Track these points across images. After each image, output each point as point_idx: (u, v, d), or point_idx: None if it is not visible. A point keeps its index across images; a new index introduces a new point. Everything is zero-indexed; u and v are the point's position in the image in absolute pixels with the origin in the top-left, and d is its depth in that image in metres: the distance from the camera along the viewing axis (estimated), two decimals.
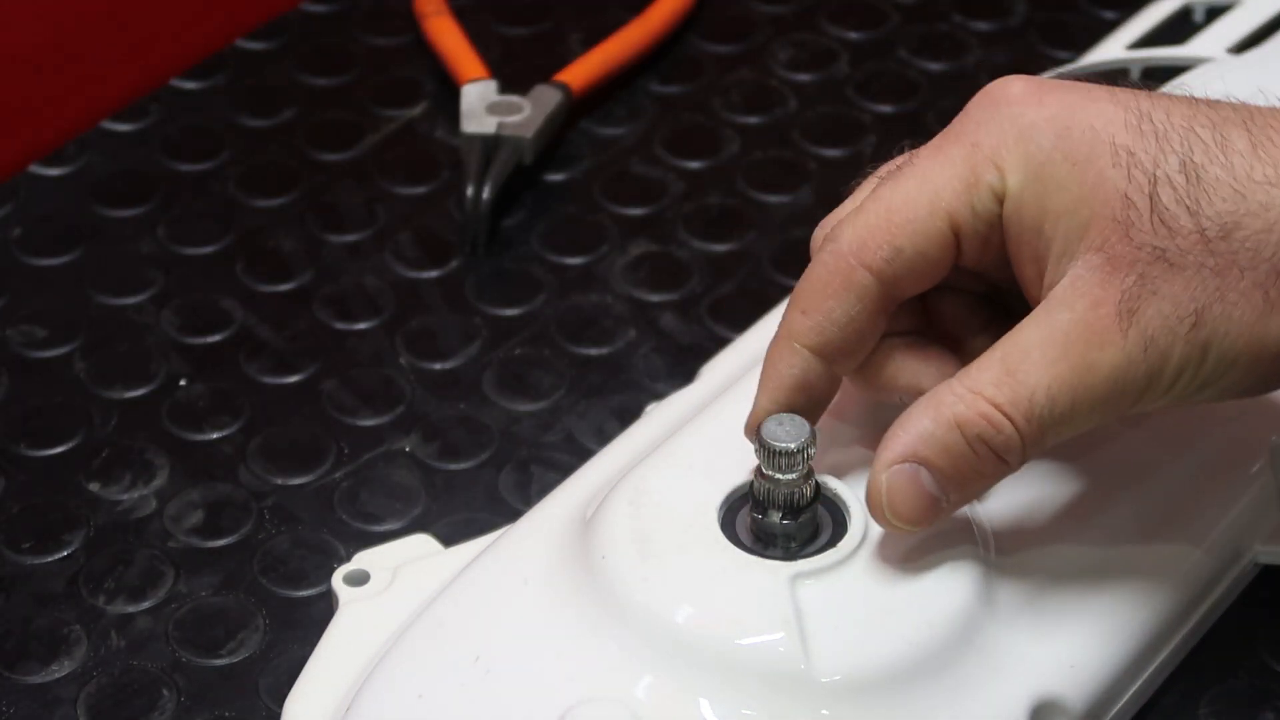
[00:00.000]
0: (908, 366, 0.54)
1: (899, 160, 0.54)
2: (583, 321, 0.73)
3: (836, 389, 0.54)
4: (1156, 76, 0.77)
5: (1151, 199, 0.49)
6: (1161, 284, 0.49)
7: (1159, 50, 0.79)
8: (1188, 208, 0.49)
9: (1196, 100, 0.51)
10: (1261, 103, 0.52)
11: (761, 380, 0.53)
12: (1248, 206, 0.49)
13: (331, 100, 0.83)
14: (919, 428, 0.50)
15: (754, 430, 0.53)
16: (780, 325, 0.53)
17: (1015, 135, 0.51)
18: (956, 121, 0.52)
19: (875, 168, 0.55)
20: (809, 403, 0.53)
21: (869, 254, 0.51)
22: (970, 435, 0.50)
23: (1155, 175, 0.49)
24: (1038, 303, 0.51)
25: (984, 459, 0.50)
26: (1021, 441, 0.50)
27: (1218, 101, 0.51)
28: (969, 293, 0.55)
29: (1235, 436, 0.60)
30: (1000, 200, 0.51)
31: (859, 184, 0.55)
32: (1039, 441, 0.50)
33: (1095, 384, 0.49)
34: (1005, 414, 0.49)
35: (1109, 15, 0.86)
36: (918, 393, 0.52)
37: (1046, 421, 0.50)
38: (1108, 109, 0.51)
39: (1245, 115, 0.51)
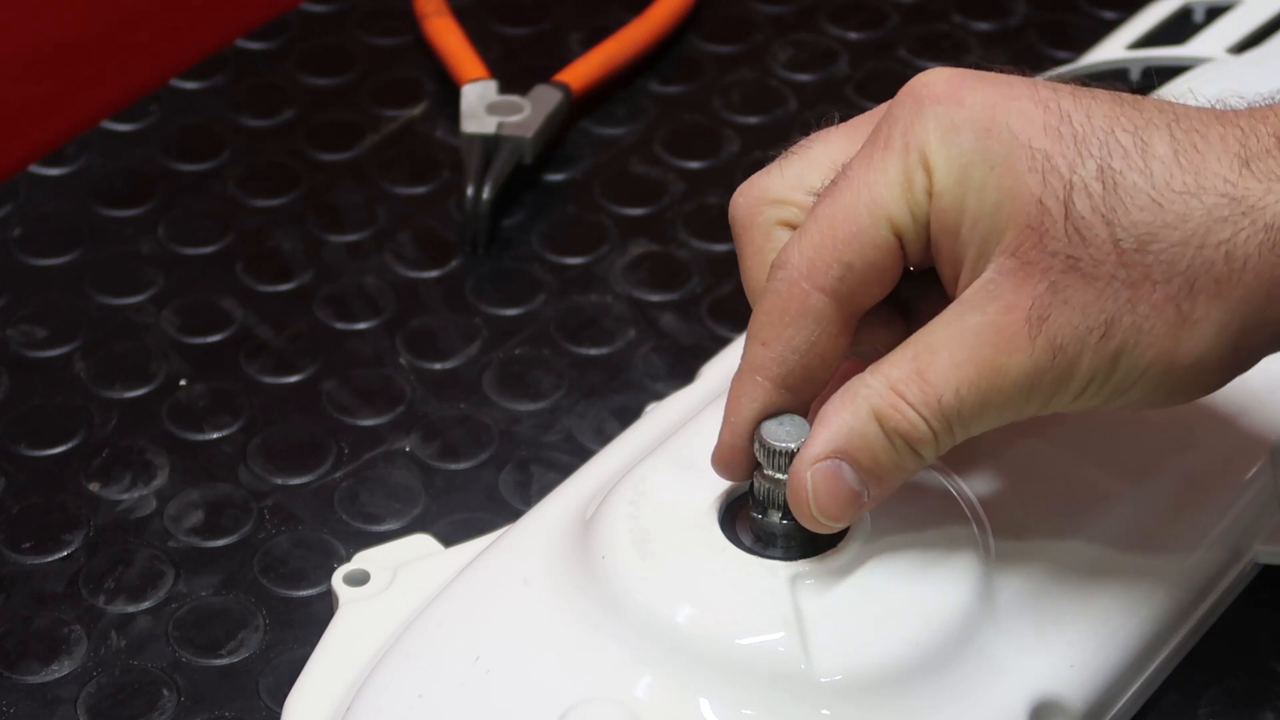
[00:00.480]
0: (862, 324, 0.53)
1: (827, 132, 0.54)
2: (583, 321, 0.73)
3: (804, 413, 0.53)
4: (1156, 76, 0.77)
5: (1066, 206, 0.49)
6: (1072, 294, 0.49)
7: (1159, 50, 0.79)
8: (1103, 216, 0.48)
9: (1121, 99, 0.50)
10: (1235, 103, 0.51)
11: (725, 411, 0.53)
12: (1164, 218, 0.48)
13: (331, 100, 0.83)
14: (839, 422, 0.50)
15: (720, 461, 0.53)
16: (742, 358, 0.52)
17: (939, 135, 0.50)
18: (883, 121, 0.52)
19: (803, 135, 0.54)
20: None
21: (820, 276, 0.51)
22: (889, 428, 0.50)
23: (1071, 181, 0.49)
24: (953, 297, 0.51)
25: (901, 453, 0.50)
26: (934, 437, 0.50)
27: (1143, 100, 0.50)
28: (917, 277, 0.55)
29: (1235, 436, 0.60)
30: (930, 198, 0.51)
31: (777, 154, 0.54)
32: (950, 437, 0.50)
33: (1003, 386, 0.49)
34: (919, 412, 0.49)
35: (1109, 15, 0.86)
36: (871, 349, 0.52)
37: (955, 420, 0.50)
38: (1028, 109, 0.50)
39: (1170, 118, 0.50)
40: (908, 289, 0.54)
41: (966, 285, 0.50)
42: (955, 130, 0.50)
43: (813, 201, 0.52)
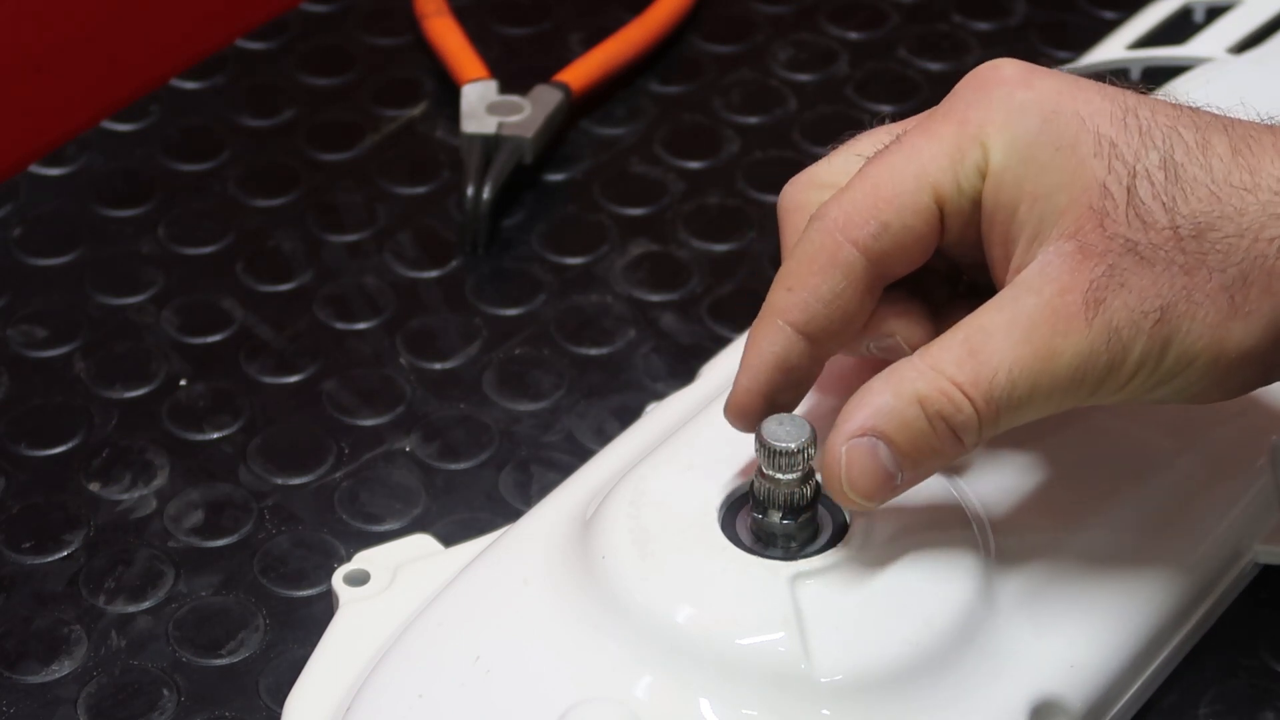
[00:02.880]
0: (883, 313, 0.53)
1: (877, 130, 0.54)
2: (583, 321, 0.73)
3: (818, 372, 0.53)
4: (1156, 77, 0.77)
5: (1129, 191, 0.49)
6: (1130, 277, 0.49)
7: (1159, 50, 0.79)
8: (1164, 204, 0.49)
9: (1181, 104, 0.52)
10: (1241, 114, 0.52)
11: (743, 358, 0.53)
12: (1222, 210, 0.49)
13: (331, 100, 0.83)
14: (879, 402, 0.50)
15: (735, 410, 0.53)
16: (765, 304, 0.53)
17: (1004, 115, 0.51)
18: (946, 100, 0.53)
19: (854, 134, 0.55)
20: (789, 383, 0.53)
21: (855, 230, 0.51)
22: (930, 412, 0.50)
23: (1135, 169, 0.50)
24: (1002, 285, 0.51)
25: (942, 437, 0.50)
26: (979, 422, 0.50)
27: (1201, 109, 0.52)
28: (934, 270, 0.55)
29: (1235, 436, 0.60)
30: (984, 177, 0.51)
31: (835, 148, 0.55)
32: (995, 423, 0.50)
33: (1056, 370, 0.49)
34: (965, 393, 0.49)
35: (1109, 15, 0.86)
36: (890, 339, 0.53)
37: (1004, 404, 0.49)
38: (1095, 99, 0.51)
39: (1227, 123, 0.51)
40: (940, 291, 0.54)
41: (1020, 268, 0.50)
42: (1022, 111, 0.51)
43: None
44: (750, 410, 0.53)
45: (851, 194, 0.52)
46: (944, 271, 0.55)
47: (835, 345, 0.53)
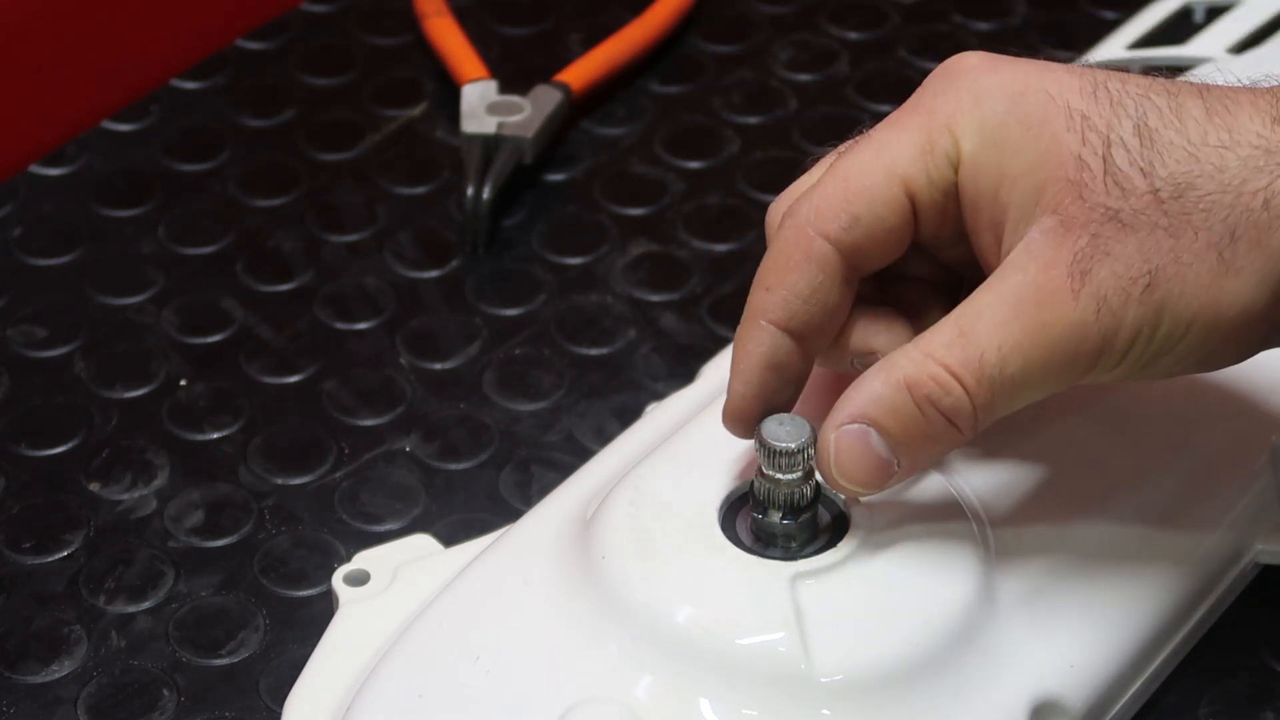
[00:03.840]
0: (864, 330, 0.53)
1: (853, 140, 0.54)
2: (583, 321, 0.73)
3: (809, 369, 0.53)
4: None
5: (1105, 160, 0.49)
6: (1114, 244, 0.49)
7: (1159, 50, 0.79)
8: (1141, 169, 0.49)
9: (1153, 77, 0.51)
10: (1266, 83, 0.51)
11: (733, 363, 0.53)
12: (1201, 169, 0.49)
13: (331, 100, 0.83)
14: (870, 389, 0.50)
15: (732, 416, 0.53)
16: (746, 306, 0.53)
17: (970, 101, 0.51)
18: (914, 95, 0.53)
19: (835, 145, 0.55)
20: (781, 382, 0.53)
21: (826, 223, 0.51)
22: (919, 396, 0.49)
23: (1109, 138, 0.49)
24: (995, 265, 0.51)
25: (933, 421, 0.50)
26: (971, 405, 0.49)
27: (1175, 80, 0.51)
28: (926, 280, 0.55)
29: (1235, 436, 0.60)
30: (955, 167, 0.51)
31: (815, 160, 0.55)
32: (989, 405, 0.50)
33: (1047, 345, 0.49)
34: (955, 375, 0.49)
35: (1109, 15, 0.86)
36: (872, 355, 0.52)
37: (997, 382, 0.49)
38: (1063, 77, 0.51)
39: (1200, 88, 0.51)
40: (928, 301, 0.54)
41: (1010, 250, 0.50)
42: (988, 95, 0.51)
43: None
44: (747, 414, 0.53)
45: (822, 189, 0.52)
46: (931, 280, 0.55)
47: (821, 340, 0.53)
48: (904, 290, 0.55)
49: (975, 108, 0.51)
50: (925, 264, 0.54)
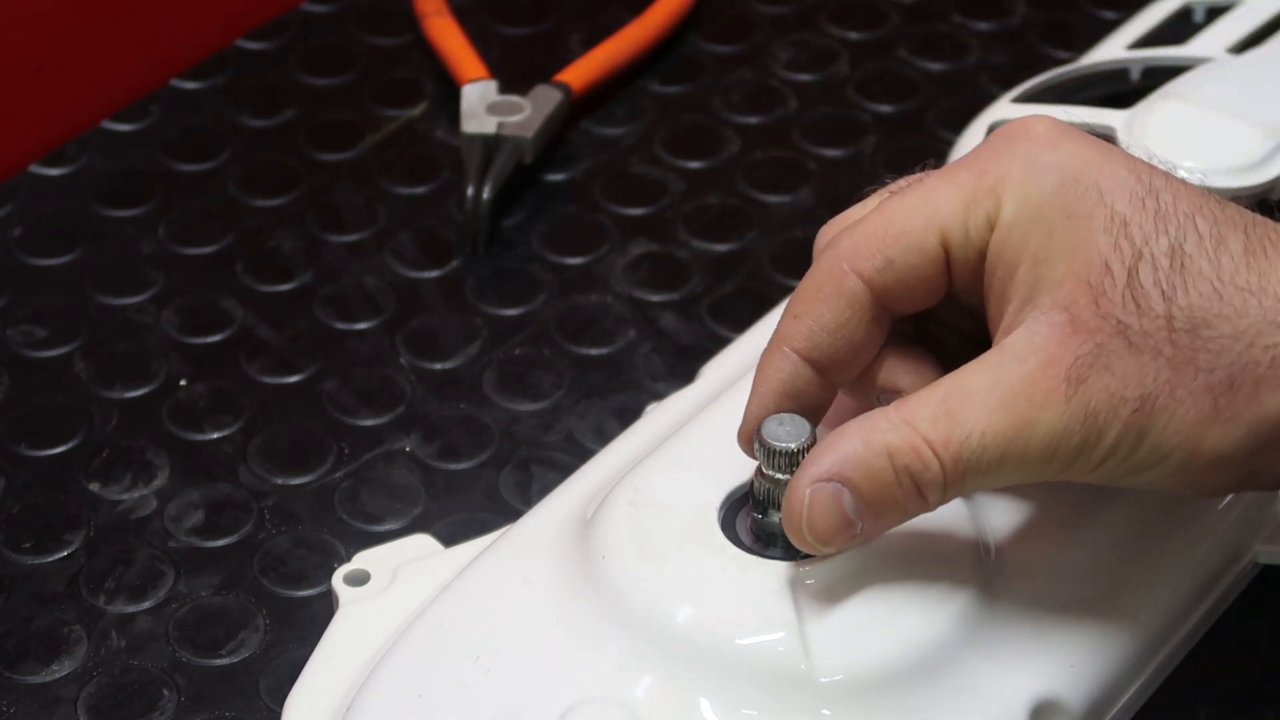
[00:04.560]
0: (892, 369, 0.53)
1: (914, 177, 0.54)
2: (583, 321, 0.73)
3: (831, 399, 0.53)
4: (1156, 77, 0.77)
5: (1130, 272, 0.49)
6: (1116, 360, 0.48)
7: (1159, 50, 0.79)
8: (1163, 291, 0.49)
9: (1208, 194, 0.51)
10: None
11: (753, 385, 0.53)
12: (1222, 309, 0.48)
13: (331, 100, 0.83)
14: (849, 448, 0.50)
15: (747, 438, 0.53)
16: (774, 331, 0.53)
17: (1023, 171, 0.51)
18: (975, 150, 0.53)
19: (895, 179, 0.55)
20: (800, 409, 0.53)
21: (862, 261, 0.51)
22: (898, 465, 0.49)
23: (1142, 251, 0.49)
24: (993, 340, 0.51)
25: (906, 492, 0.50)
26: (944, 482, 0.49)
27: (1226, 202, 0.51)
28: (962, 330, 0.55)
29: None
30: (992, 229, 0.51)
31: (873, 191, 0.55)
32: (960, 485, 0.50)
33: (1029, 441, 0.49)
34: (935, 452, 0.49)
35: (1109, 15, 0.86)
36: (897, 394, 0.52)
37: (971, 467, 0.49)
38: (1120, 174, 0.50)
39: (1248, 221, 0.50)
40: (956, 347, 0.54)
41: (1010, 328, 0.50)
42: (1043, 171, 0.50)
43: None
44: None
45: (864, 227, 0.52)
46: (962, 328, 0.55)
47: (844, 375, 0.53)
48: (941, 335, 0.55)
49: (1025, 178, 0.50)
50: (961, 315, 0.54)
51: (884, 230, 0.52)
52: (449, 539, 0.61)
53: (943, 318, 0.55)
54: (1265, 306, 0.49)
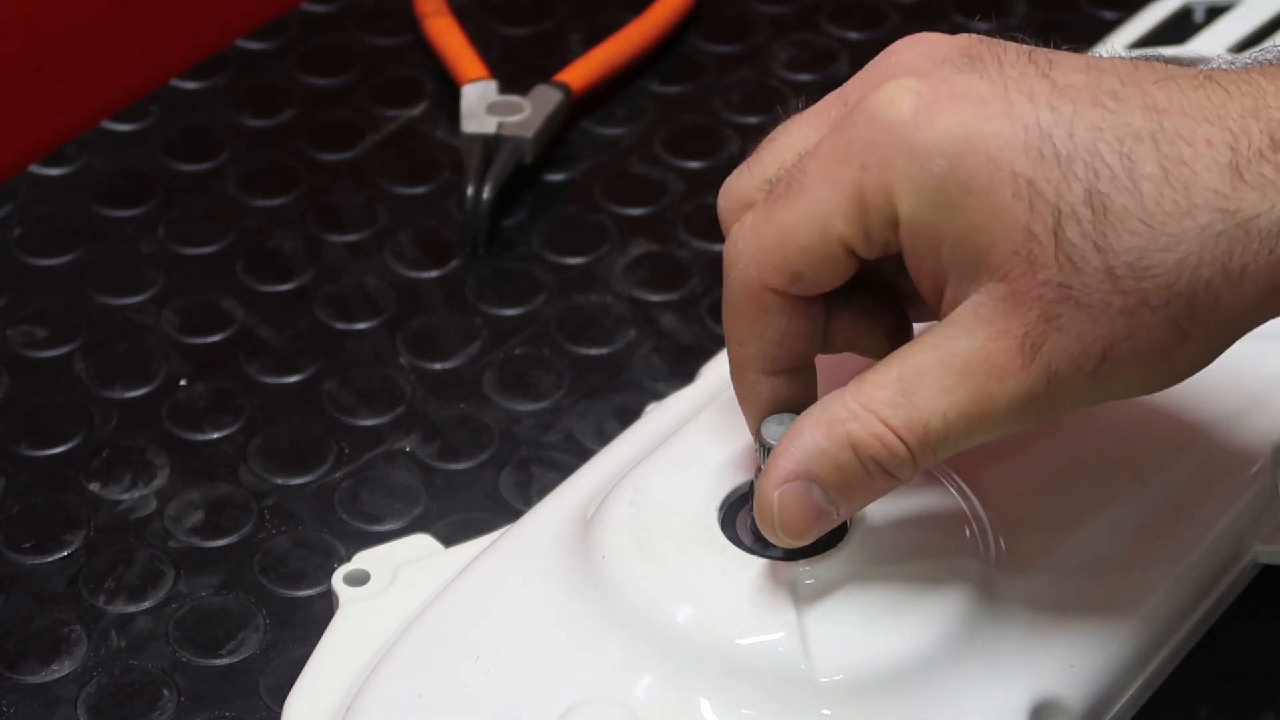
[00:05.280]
0: (848, 335, 0.53)
1: (792, 124, 0.53)
2: (583, 321, 0.73)
3: (814, 386, 0.53)
4: None
5: (1056, 235, 0.47)
6: (1067, 321, 0.47)
7: (1159, 50, 0.79)
8: (1095, 244, 0.47)
9: (1100, 97, 0.48)
10: (1221, 66, 0.49)
11: (744, 413, 0.53)
12: (1158, 241, 0.47)
13: (331, 100, 0.83)
14: (811, 443, 0.49)
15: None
16: (730, 360, 0.53)
17: (904, 161, 0.48)
18: (844, 126, 0.50)
19: (781, 114, 0.54)
20: (794, 408, 0.52)
21: (771, 278, 0.50)
22: (864, 456, 0.49)
23: (1059, 208, 0.47)
24: (938, 313, 0.50)
25: (876, 476, 0.49)
26: (913, 460, 0.49)
27: (1126, 95, 0.48)
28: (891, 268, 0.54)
29: (1235, 436, 0.60)
30: (894, 225, 0.49)
31: (755, 146, 0.54)
32: (930, 459, 0.49)
33: (993, 412, 0.48)
34: (900, 437, 0.49)
35: (1109, 15, 0.86)
36: (863, 352, 0.52)
37: (939, 444, 0.49)
38: (1005, 129, 0.48)
39: (1155, 125, 0.48)
40: (896, 275, 0.53)
41: (954, 303, 0.49)
42: (926, 156, 0.48)
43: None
44: None
45: (760, 239, 0.50)
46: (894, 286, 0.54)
47: (810, 357, 0.53)
48: (881, 272, 0.53)
49: (910, 170, 0.48)
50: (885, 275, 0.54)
51: (782, 246, 0.50)
52: (449, 539, 0.61)
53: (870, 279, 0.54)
54: (1201, 223, 0.47)
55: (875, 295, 0.54)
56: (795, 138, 0.53)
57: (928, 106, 0.49)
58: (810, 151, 0.51)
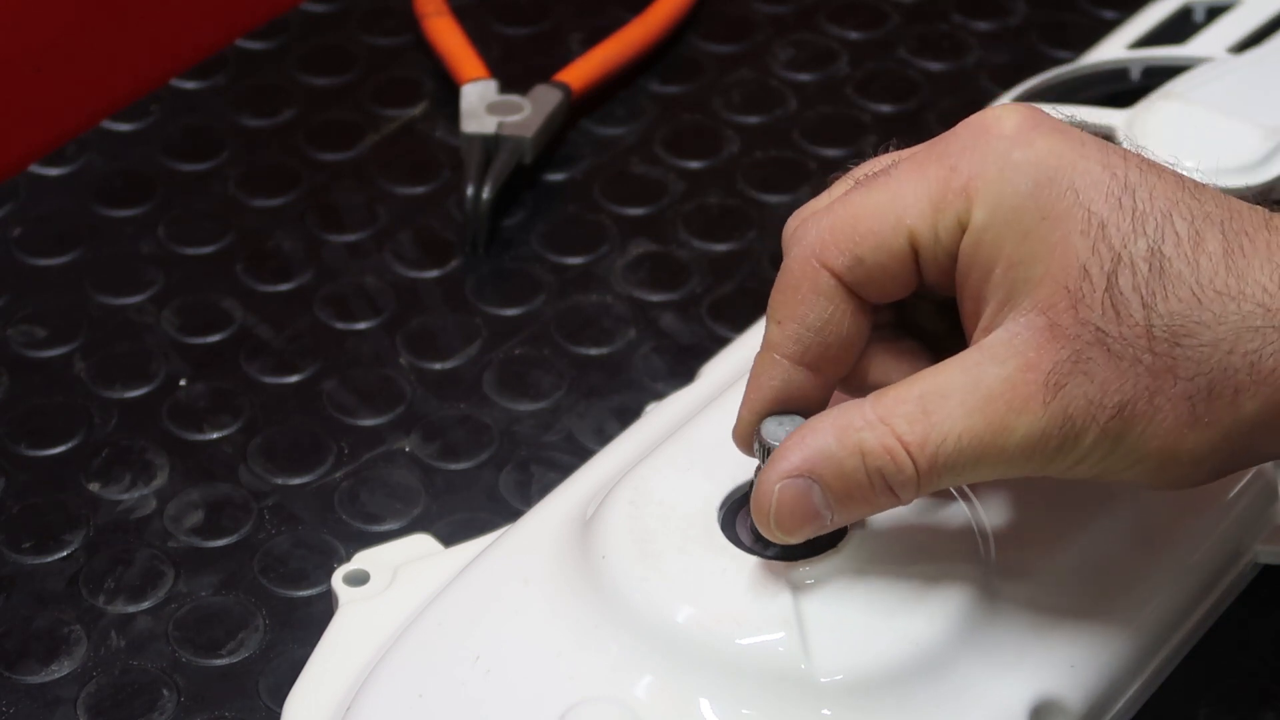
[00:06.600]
0: (882, 364, 0.53)
1: (881, 159, 0.53)
2: (583, 321, 0.73)
3: (828, 396, 0.53)
4: (1156, 76, 0.77)
5: (1109, 278, 0.48)
6: (1095, 367, 0.48)
7: (1159, 50, 0.79)
8: (1143, 298, 0.48)
9: (1183, 182, 0.50)
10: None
11: (746, 392, 0.53)
12: (1201, 315, 0.48)
13: (331, 100, 0.83)
14: (821, 444, 0.49)
15: (743, 439, 0.53)
16: (763, 337, 0.52)
17: (995, 171, 0.49)
18: (943, 138, 0.51)
19: (858, 163, 0.54)
20: (798, 410, 0.52)
21: (831, 257, 0.51)
22: (871, 466, 0.49)
23: (1120, 255, 0.48)
24: (970, 339, 0.50)
25: (878, 490, 0.49)
26: (918, 482, 0.49)
27: (1203, 189, 0.50)
28: (936, 300, 0.54)
29: None
30: (962, 230, 0.50)
31: (837, 178, 0.54)
32: (933, 484, 0.49)
33: (1006, 445, 0.49)
34: (910, 454, 0.49)
35: (1109, 15, 0.86)
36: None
37: (946, 469, 0.49)
38: (1095, 170, 0.49)
39: (1225, 214, 0.49)
40: (936, 324, 0.54)
41: (987, 329, 0.50)
42: (1015, 171, 0.49)
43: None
44: (751, 440, 0.53)
45: (831, 219, 0.51)
46: (937, 323, 0.54)
47: (837, 370, 0.52)
48: (922, 317, 0.54)
49: (997, 179, 0.49)
50: (935, 308, 0.54)
51: (851, 228, 0.51)
52: (449, 539, 0.61)
53: (920, 309, 0.54)
54: (1243, 311, 0.48)
55: (916, 344, 0.54)
56: (879, 164, 0.53)
57: (1031, 128, 0.50)
58: (907, 152, 0.52)
